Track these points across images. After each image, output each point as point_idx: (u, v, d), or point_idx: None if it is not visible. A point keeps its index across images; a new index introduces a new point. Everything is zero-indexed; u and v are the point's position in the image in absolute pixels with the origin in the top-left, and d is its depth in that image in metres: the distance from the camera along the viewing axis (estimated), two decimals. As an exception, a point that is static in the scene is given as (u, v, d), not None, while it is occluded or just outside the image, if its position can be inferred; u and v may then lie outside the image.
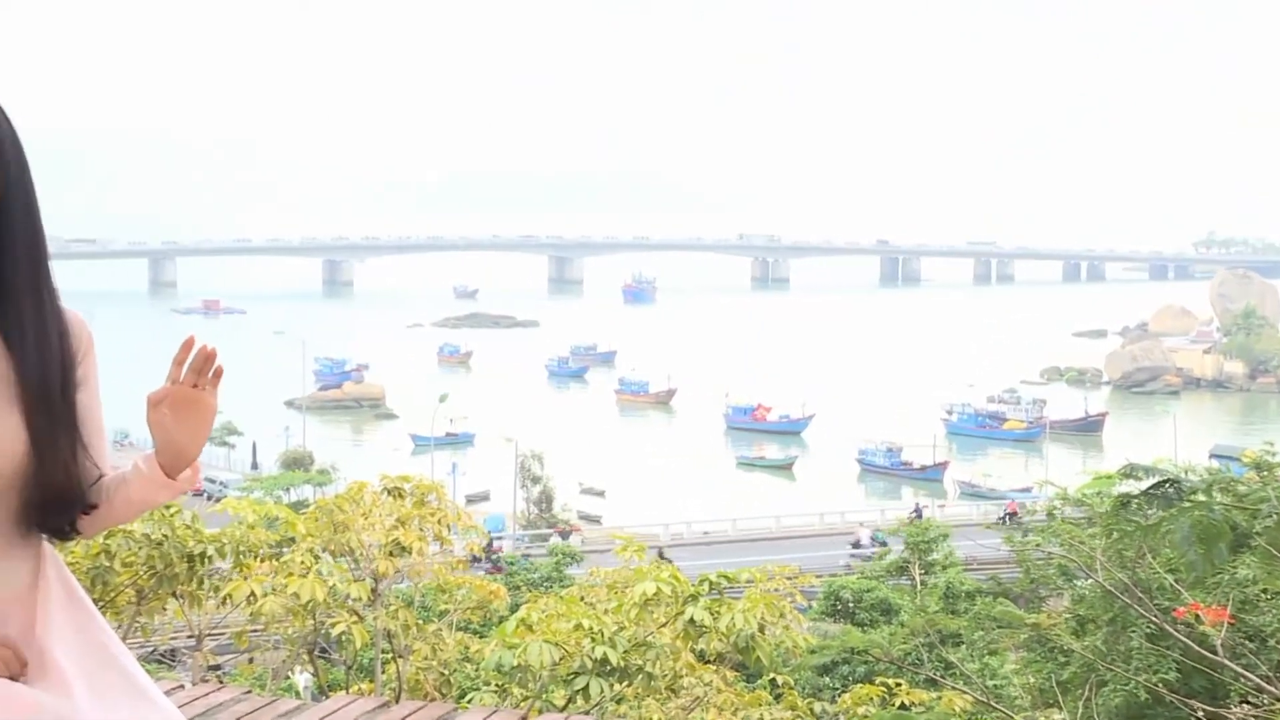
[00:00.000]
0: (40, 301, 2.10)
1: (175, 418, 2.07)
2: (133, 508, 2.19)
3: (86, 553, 8.24)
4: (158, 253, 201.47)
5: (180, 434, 2.08)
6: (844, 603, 29.18)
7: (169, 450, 2.09)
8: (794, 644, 9.01)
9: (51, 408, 2.08)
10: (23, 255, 2.09)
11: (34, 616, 2.11)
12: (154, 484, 2.11)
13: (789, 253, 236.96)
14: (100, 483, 2.18)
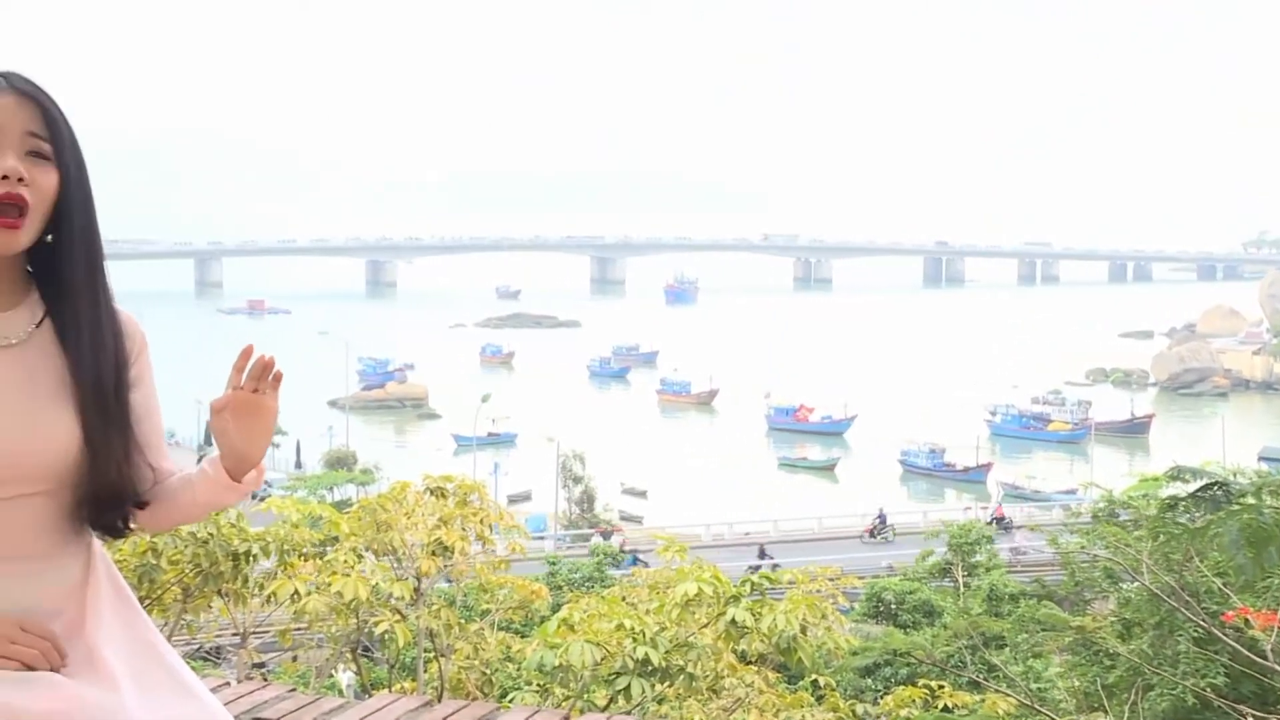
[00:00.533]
0: (96, 301, 2.13)
1: (237, 424, 2.09)
2: (199, 509, 2.23)
3: (134, 550, 8.32)
4: (204, 253, 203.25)
5: (243, 439, 2.10)
6: (886, 604, 29.03)
7: (233, 454, 2.12)
8: (836, 645, 8.98)
9: (105, 406, 2.11)
10: (80, 255, 2.11)
11: (84, 612, 2.14)
12: (220, 486, 2.14)
13: (832, 253, 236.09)
14: (165, 483, 2.21)
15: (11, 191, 2.01)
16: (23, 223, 2.03)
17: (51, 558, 2.12)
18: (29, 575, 2.09)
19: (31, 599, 2.09)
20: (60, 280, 2.12)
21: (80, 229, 2.11)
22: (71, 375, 2.09)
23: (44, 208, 2.06)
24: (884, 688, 17.92)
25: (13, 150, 2.02)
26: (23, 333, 2.11)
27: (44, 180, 2.04)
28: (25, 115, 2.04)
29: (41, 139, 2.05)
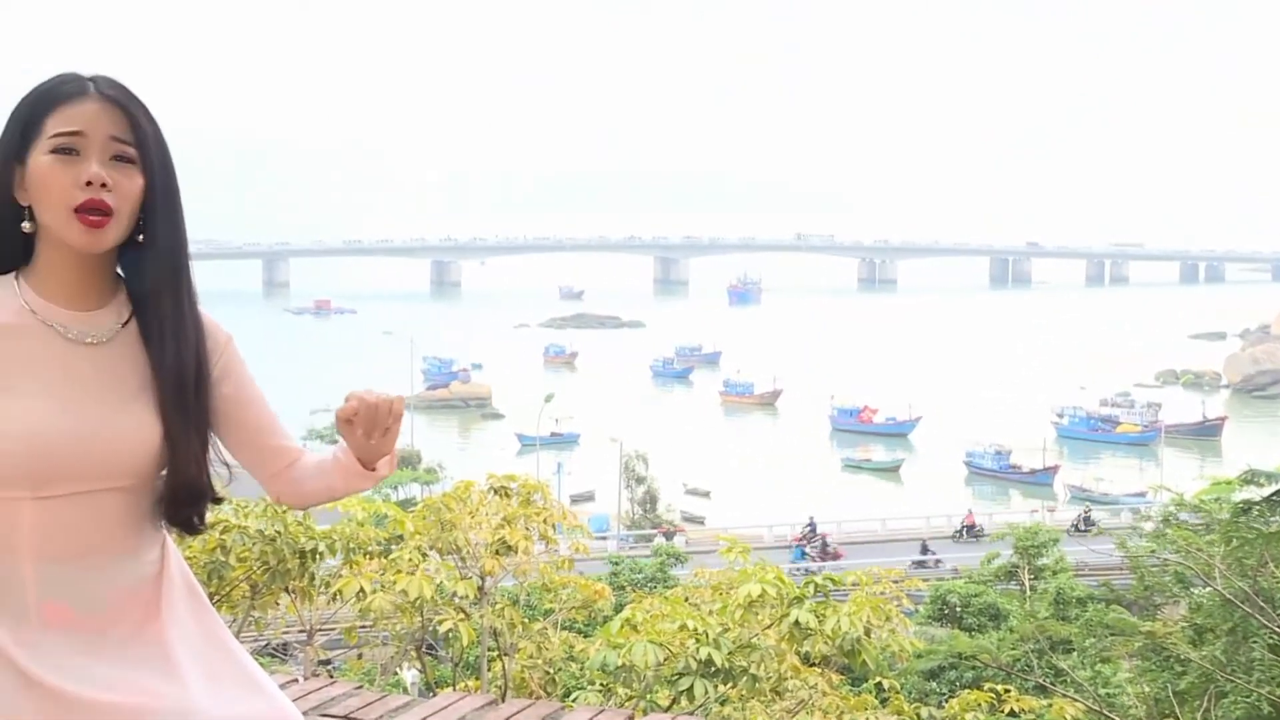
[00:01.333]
0: (179, 302, 2.17)
1: (366, 431, 2.15)
2: (336, 494, 2.28)
3: (203, 547, 8.42)
4: (271, 254, 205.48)
5: (372, 443, 2.16)
6: (951, 607, 28.78)
7: (363, 450, 2.18)
8: (900, 648, 8.91)
9: (185, 405, 2.15)
10: (164, 257, 2.15)
11: (157, 608, 2.17)
12: (353, 474, 2.20)
13: (896, 253, 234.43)
14: (301, 463, 2.28)
15: (95, 197, 2.04)
16: (107, 223, 2.06)
17: (128, 553, 2.16)
18: (106, 570, 2.13)
19: (107, 594, 2.13)
20: (145, 280, 2.16)
21: (165, 231, 2.14)
22: (153, 374, 2.13)
23: (129, 210, 2.09)
24: (949, 691, 17.79)
25: (97, 156, 2.06)
26: (109, 332, 2.15)
27: (128, 184, 2.08)
28: (110, 120, 2.07)
29: (126, 143, 2.08)
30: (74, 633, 2.08)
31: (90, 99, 2.08)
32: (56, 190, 2.04)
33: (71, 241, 2.07)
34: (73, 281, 2.13)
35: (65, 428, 2.05)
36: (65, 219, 2.05)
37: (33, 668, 2.02)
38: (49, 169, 2.05)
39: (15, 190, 2.09)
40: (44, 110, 2.08)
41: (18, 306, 2.10)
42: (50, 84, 2.11)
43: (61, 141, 2.05)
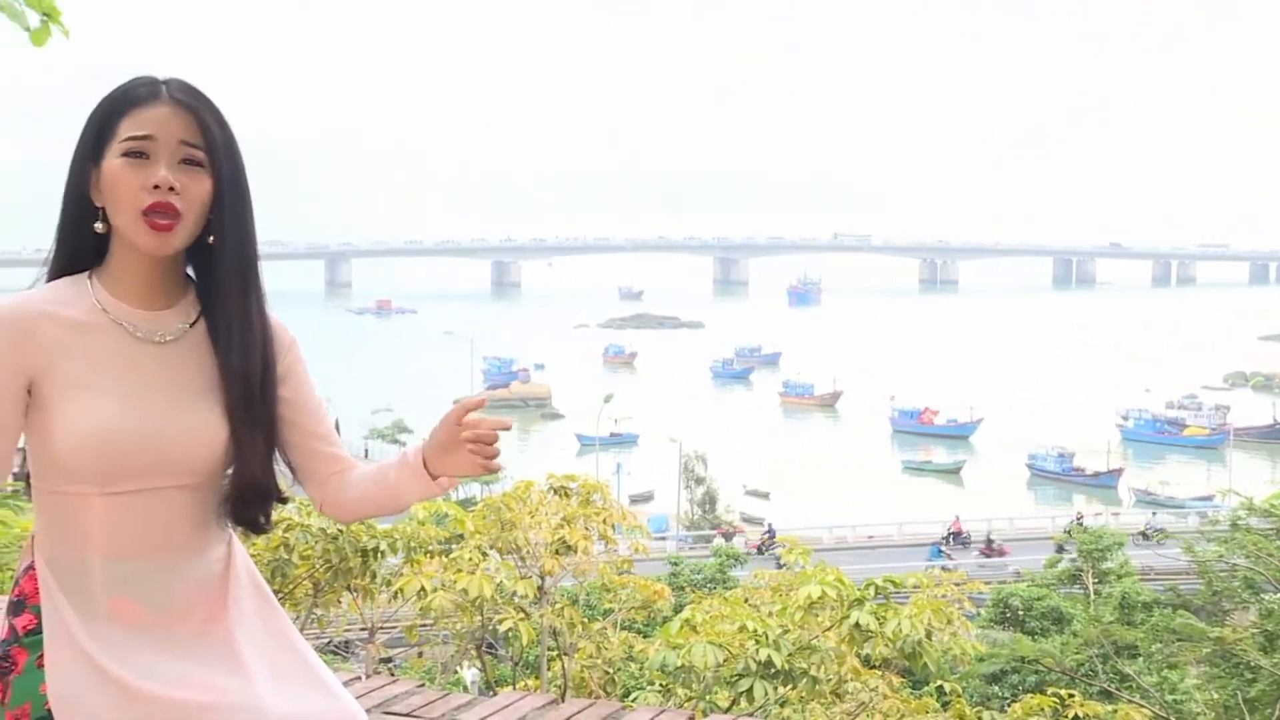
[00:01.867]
0: (247, 303, 2.19)
1: (475, 446, 2.15)
2: (384, 504, 2.28)
3: (267, 545, 8.52)
4: (334, 254, 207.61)
5: (462, 459, 2.17)
6: (1013, 610, 28.48)
7: (440, 452, 2.18)
8: (962, 651, 8.83)
9: (251, 405, 2.17)
10: (232, 259, 2.17)
11: (224, 605, 2.19)
12: (417, 476, 2.20)
13: (958, 254, 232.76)
14: (352, 472, 2.29)
15: (161, 200, 2.07)
16: (174, 226, 2.09)
17: (195, 550, 2.18)
18: (173, 567, 2.15)
19: (174, 590, 2.15)
20: (214, 282, 2.18)
21: (234, 233, 2.16)
22: (220, 371, 2.16)
23: (196, 213, 2.11)
24: (1011, 695, 17.59)
25: (166, 159, 2.08)
26: (177, 331, 2.17)
27: (196, 187, 2.10)
28: (179, 124, 2.10)
29: (195, 147, 2.10)
30: (141, 628, 2.11)
31: (162, 103, 2.10)
32: (126, 193, 2.07)
33: (139, 244, 2.10)
34: (143, 281, 2.15)
35: (133, 425, 2.08)
36: (133, 221, 2.08)
37: (104, 661, 2.05)
38: (119, 171, 2.08)
39: (91, 191, 2.13)
40: (118, 113, 2.11)
41: (90, 305, 2.13)
42: (125, 87, 2.14)
43: (132, 145, 2.08)
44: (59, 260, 2.18)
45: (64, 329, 2.09)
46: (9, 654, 2.09)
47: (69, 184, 2.15)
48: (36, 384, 2.08)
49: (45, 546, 2.13)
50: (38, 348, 2.07)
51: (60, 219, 2.17)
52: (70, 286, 2.14)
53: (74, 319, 2.11)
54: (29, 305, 2.10)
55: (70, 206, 2.15)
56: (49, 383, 2.08)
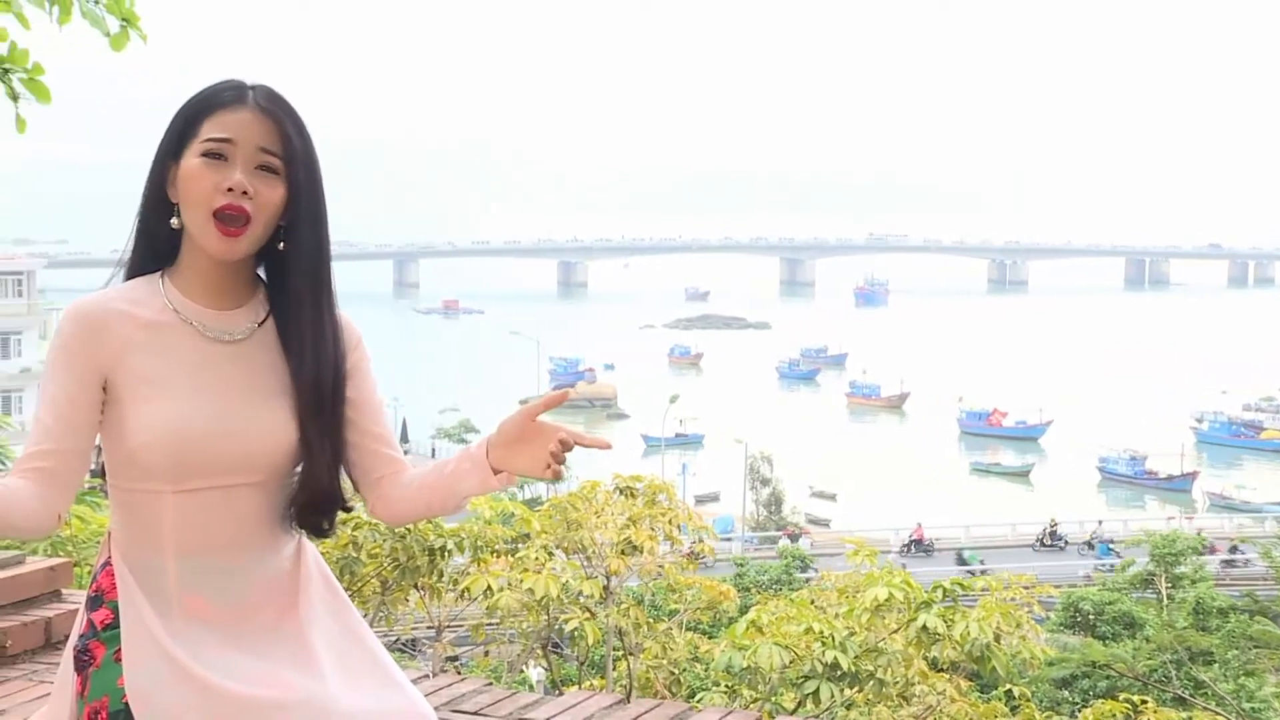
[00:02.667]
0: (319, 310, 2.21)
1: (558, 448, 2.20)
2: (433, 504, 2.27)
3: (336, 543, 8.60)
4: (402, 254, 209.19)
5: (534, 461, 2.19)
6: (1084, 615, 28.11)
7: (506, 445, 2.19)
8: (1031, 655, 8.73)
9: (321, 410, 2.20)
10: (307, 267, 2.20)
11: (295, 601, 2.21)
12: (479, 466, 2.20)
13: (1027, 254, 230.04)
14: (407, 473, 2.29)
15: (233, 203, 2.09)
16: (243, 232, 2.11)
17: (265, 547, 2.21)
18: (243, 564, 2.18)
19: (245, 587, 2.18)
20: (287, 288, 2.21)
21: (308, 242, 2.19)
22: (291, 377, 2.19)
23: (267, 219, 2.14)
24: (1082, 700, 17.37)
25: (243, 164, 2.11)
26: (245, 330, 2.20)
27: (269, 194, 2.13)
28: (260, 131, 2.13)
29: (272, 155, 2.14)
30: (213, 625, 2.13)
31: (246, 108, 2.13)
32: (199, 191, 2.10)
33: (206, 246, 2.13)
34: (213, 281, 2.18)
35: (205, 423, 2.11)
36: (203, 221, 2.11)
37: (180, 657, 2.08)
38: (196, 170, 2.11)
39: (168, 187, 2.16)
40: (202, 114, 2.14)
41: (161, 304, 2.16)
42: (213, 89, 2.17)
43: (212, 146, 2.11)
44: (135, 257, 2.22)
45: (137, 328, 2.13)
46: (87, 648, 2.13)
47: (149, 179, 2.19)
48: (111, 382, 2.12)
49: (121, 543, 2.17)
50: (112, 346, 2.11)
51: (139, 213, 2.21)
52: (143, 286, 2.18)
53: (146, 318, 2.14)
54: (104, 304, 2.14)
55: (149, 201, 2.19)
56: (122, 381, 2.11)
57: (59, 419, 2.10)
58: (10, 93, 3.88)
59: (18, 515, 2.04)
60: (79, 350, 2.10)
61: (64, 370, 2.10)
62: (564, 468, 2.18)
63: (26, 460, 2.10)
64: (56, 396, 2.10)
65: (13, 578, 3.48)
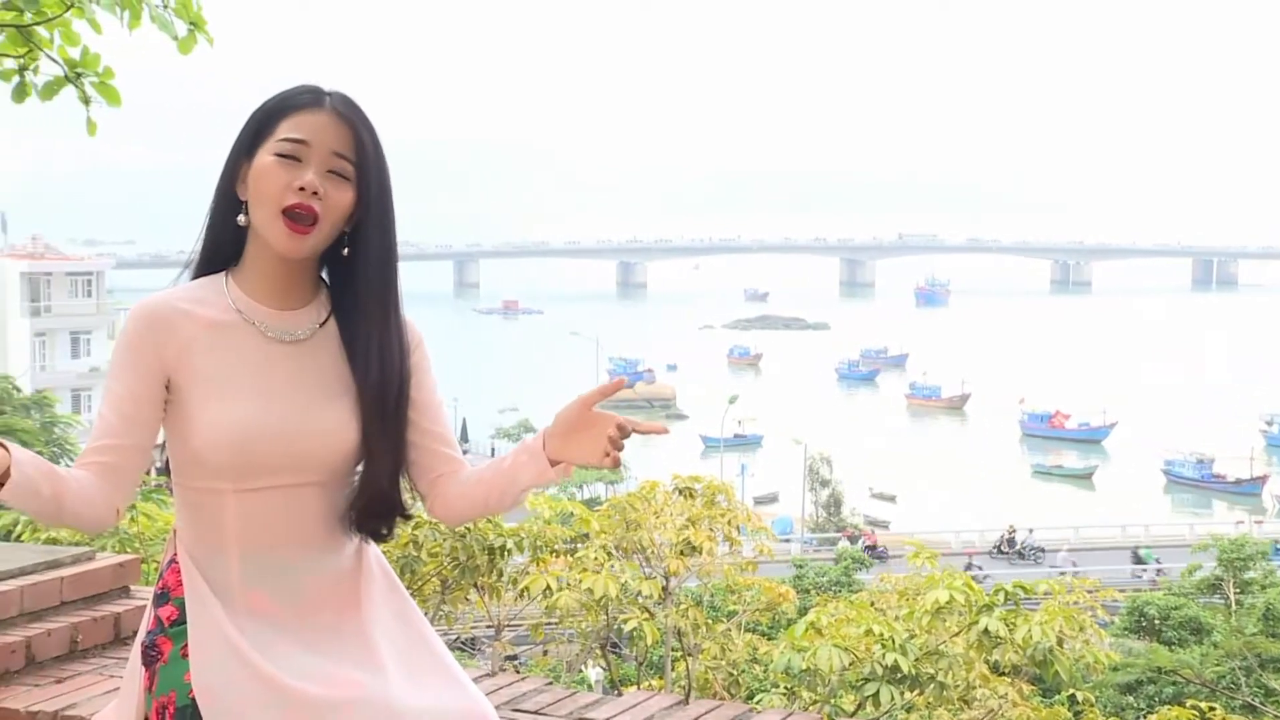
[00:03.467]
0: (386, 316, 2.23)
1: (619, 434, 2.19)
2: (490, 501, 2.26)
3: (397, 542, 8.66)
4: (462, 255, 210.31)
5: (594, 448, 2.18)
6: (1149, 619, 27.72)
7: (563, 435, 2.18)
8: (1095, 660, 8.63)
9: (385, 418, 2.21)
10: (374, 273, 2.22)
11: (356, 600, 2.23)
12: (535, 455, 2.19)
13: (1092, 255, 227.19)
14: (464, 472, 2.29)
15: (304, 202, 2.12)
16: (310, 231, 2.14)
17: (326, 546, 2.22)
18: (305, 562, 2.20)
19: (307, 585, 2.20)
20: (352, 292, 2.23)
21: (376, 249, 2.22)
22: (355, 380, 2.20)
23: (333, 221, 2.16)
24: (1147, 706, 17.14)
25: (316, 166, 2.14)
26: (307, 331, 2.22)
27: (339, 197, 2.15)
28: (335, 135, 2.16)
29: (345, 159, 2.16)
30: (277, 622, 2.16)
31: (323, 112, 2.16)
32: (271, 189, 2.13)
33: (274, 243, 2.15)
34: (277, 281, 2.21)
35: (267, 424, 2.13)
36: (272, 218, 2.13)
37: (245, 653, 2.10)
38: (269, 168, 2.14)
39: (238, 184, 2.19)
40: (279, 114, 2.17)
41: (225, 304, 2.19)
42: (291, 92, 2.21)
43: (287, 146, 2.14)
44: (203, 255, 2.25)
45: (201, 327, 2.16)
46: (155, 644, 2.16)
47: (221, 176, 2.22)
48: (174, 381, 2.15)
49: (186, 540, 2.20)
50: (176, 345, 2.14)
51: (209, 210, 2.24)
52: (208, 285, 2.21)
53: (210, 318, 2.17)
54: (168, 303, 2.17)
55: (219, 198, 2.22)
56: (186, 380, 2.14)
57: (122, 415, 2.13)
58: (82, 96, 3.95)
59: (80, 505, 2.08)
60: (144, 348, 2.13)
61: (128, 367, 2.14)
62: (622, 456, 2.16)
63: (89, 455, 2.13)
64: (120, 393, 2.14)
65: (83, 573, 3.54)
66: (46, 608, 3.41)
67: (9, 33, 3.91)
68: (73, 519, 2.09)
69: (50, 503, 2.04)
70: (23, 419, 31.13)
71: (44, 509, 2.04)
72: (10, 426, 28.37)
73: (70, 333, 55.25)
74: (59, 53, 3.94)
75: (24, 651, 3.23)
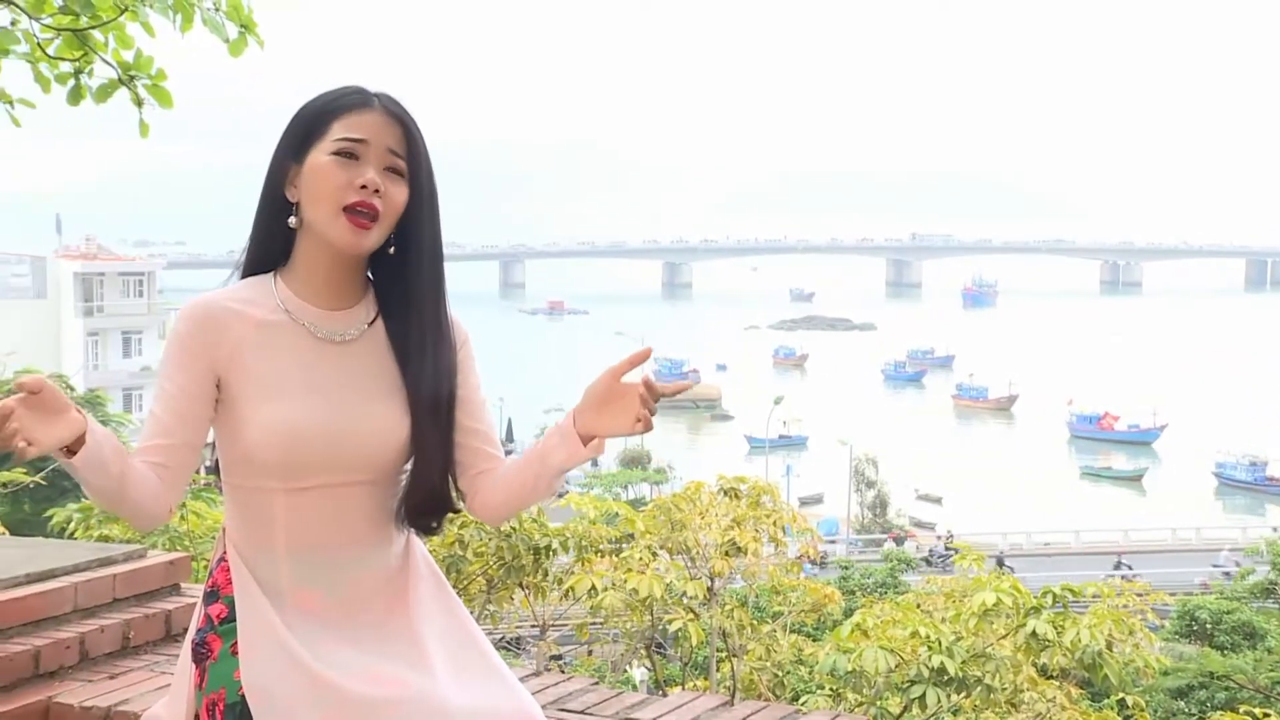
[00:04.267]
0: (436, 314, 2.25)
1: (648, 397, 2.11)
2: (545, 472, 2.22)
3: (442, 541, 8.70)
4: (508, 255, 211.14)
5: (609, 415, 2.14)
6: (1200, 624, 27.41)
7: (590, 412, 2.15)
8: (1145, 664, 8.54)
9: (437, 415, 2.22)
10: (424, 270, 2.24)
11: (403, 597, 2.24)
12: (569, 437, 2.16)
13: (1142, 255, 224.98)
14: (500, 468, 2.28)
15: (366, 199, 2.14)
16: (372, 226, 2.16)
17: (374, 544, 2.24)
18: (353, 560, 2.21)
19: (355, 583, 2.21)
20: (401, 290, 2.24)
21: (426, 246, 2.23)
22: (405, 379, 2.21)
23: (391, 219, 2.18)
24: (1199, 712, 16.97)
25: (374, 163, 2.16)
26: (356, 330, 2.24)
27: (395, 194, 2.17)
28: (389, 134, 2.18)
29: (399, 157, 2.18)
30: (325, 620, 2.17)
31: (375, 111, 2.18)
32: (331, 188, 2.14)
33: (334, 239, 2.16)
34: (326, 281, 2.22)
35: (316, 424, 2.15)
36: (333, 216, 2.15)
37: (294, 650, 2.11)
38: (328, 167, 2.15)
39: (286, 187, 2.21)
40: (331, 115, 2.18)
41: (274, 305, 2.20)
42: (337, 93, 2.22)
43: (346, 145, 2.16)
44: (251, 256, 2.27)
45: (250, 327, 2.17)
46: (205, 641, 2.18)
47: (268, 179, 2.23)
48: (225, 381, 2.17)
49: (235, 539, 2.22)
50: (227, 345, 2.16)
51: (257, 213, 2.26)
52: (257, 285, 2.22)
53: (259, 318, 2.18)
54: (219, 302, 2.19)
55: (266, 201, 2.23)
56: (236, 380, 2.16)
57: (174, 413, 2.15)
58: (135, 98, 4.00)
59: (142, 493, 2.10)
60: (195, 347, 2.15)
61: (180, 366, 2.16)
62: (651, 419, 2.10)
63: (141, 454, 2.14)
64: (172, 391, 2.16)
65: (135, 571, 3.58)
66: (99, 604, 3.45)
67: (65, 36, 3.97)
68: (133, 506, 2.11)
69: (115, 481, 2.05)
70: (76, 418, 31.50)
71: (107, 486, 2.05)
72: (63, 425, 28.68)
73: (122, 332, 55.91)
74: (113, 56, 3.99)
75: (78, 647, 3.27)
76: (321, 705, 2.08)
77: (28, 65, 4.00)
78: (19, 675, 3.11)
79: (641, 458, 65.01)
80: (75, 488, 11.76)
